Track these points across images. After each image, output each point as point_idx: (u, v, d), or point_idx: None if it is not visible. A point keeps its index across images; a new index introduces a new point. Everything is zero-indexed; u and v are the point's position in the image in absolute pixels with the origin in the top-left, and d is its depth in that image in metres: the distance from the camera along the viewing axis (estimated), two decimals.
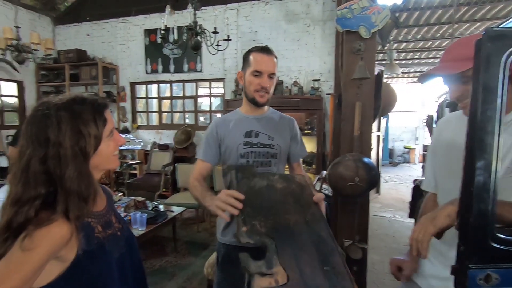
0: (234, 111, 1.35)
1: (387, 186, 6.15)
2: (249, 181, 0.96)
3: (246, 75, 1.24)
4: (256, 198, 0.92)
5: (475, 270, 0.65)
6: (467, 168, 0.64)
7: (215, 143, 1.28)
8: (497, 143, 0.61)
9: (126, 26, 5.19)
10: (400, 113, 9.02)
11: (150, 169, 4.72)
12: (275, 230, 0.82)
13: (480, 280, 0.65)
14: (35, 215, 0.64)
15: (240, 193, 0.90)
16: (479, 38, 0.64)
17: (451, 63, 0.93)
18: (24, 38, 4.06)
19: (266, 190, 0.95)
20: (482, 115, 0.61)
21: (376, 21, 1.38)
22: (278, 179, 0.99)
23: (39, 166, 0.66)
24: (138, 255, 0.89)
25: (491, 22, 4.10)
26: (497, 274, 0.65)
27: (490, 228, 0.64)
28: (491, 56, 0.60)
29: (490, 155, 0.62)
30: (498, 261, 0.65)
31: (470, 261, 0.65)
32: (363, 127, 1.40)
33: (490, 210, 0.63)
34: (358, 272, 1.46)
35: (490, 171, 0.62)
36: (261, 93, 1.22)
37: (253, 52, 1.23)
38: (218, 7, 4.56)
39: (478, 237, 0.64)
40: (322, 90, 4.23)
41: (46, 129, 0.67)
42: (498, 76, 0.60)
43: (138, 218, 2.62)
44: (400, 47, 5.58)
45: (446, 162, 1.05)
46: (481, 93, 0.61)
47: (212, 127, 1.31)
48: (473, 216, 0.63)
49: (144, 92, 5.51)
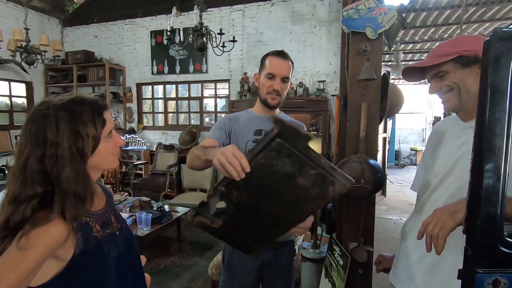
0: (246, 110, 1.38)
1: (393, 188, 6.08)
2: (275, 158, 0.75)
3: (261, 77, 1.29)
4: (261, 178, 0.77)
5: (483, 275, 0.63)
6: (475, 171, 0.63)
7: (226, 130, 1.28)
8: (506, 146, 0.60)
9: (133, 28, 5.24)
10: (407, 114, 8.94)
11: (155, 170, 4.75)
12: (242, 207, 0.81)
13: (488, 285, 0.63)
14: (32, 214, 0.64)
15: (247, 164, 0.74)
16: (467, 37, 0.64)
17: (430, 58, 0.97)
18: (33, 39, 4.13)
19: (281, 177, 0.77)
20: (490, 117, 0.60)
21: (383, 22, 1.36)
22: (311, 176, 0.77)
23: (36, 165, 0.66)
24: (138, 255, 0.88)
25: (500, 23, 4.04)
26: (505, 279, 0.63)
27: (499, 231, 0.62)
28: (500, 57, 0.59)
29: (499, 158, 0.60)
30: (507, 265, 0.63)
31: (478, 266, 0.63)
32: (369, 129, 1.38)
33: (499, 213, 0.61)
34: (363, 274, 1.45)
35: (499, 174, 0.60)
36: (273, 95, 1.26)
37: (269, 56, 1.27)
38: (224, 8, 4.58)
39: (486, 241, 0.63)
40: (328, 91, 4.21)
41: (44, 129, 0.67)
42: (507, 77, 0.59)
43: (143, 218, 2.64)
44: (407, 48, 5.53)
45: (430, 164, 1.08)
46: (490, 94, 0.60)
47: (224, 118, 1.33)
48: (481, 219, 0.62)
49: (150, 93, 5.55)
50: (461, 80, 0.91)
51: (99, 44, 5.47)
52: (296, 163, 0.76)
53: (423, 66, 0.98)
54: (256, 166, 0.76)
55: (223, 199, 0.82)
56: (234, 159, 0.74)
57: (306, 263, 2.08)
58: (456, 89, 0.92)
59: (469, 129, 0.94)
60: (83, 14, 5.54)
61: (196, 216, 0.86)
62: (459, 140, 0.96)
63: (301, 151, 0.75)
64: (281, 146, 0.74)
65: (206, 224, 0.86)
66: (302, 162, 0.76)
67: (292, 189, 0.80)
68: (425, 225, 0.77)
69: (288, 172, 0.77)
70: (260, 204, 0.83)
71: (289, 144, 0.74)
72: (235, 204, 0.82)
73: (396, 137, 8.67)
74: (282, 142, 0.73)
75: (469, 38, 0.95)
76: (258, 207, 0.83)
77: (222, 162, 0.76)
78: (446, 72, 0.93)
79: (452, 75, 0.92)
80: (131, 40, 5.27)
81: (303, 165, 0.77)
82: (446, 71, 0.93)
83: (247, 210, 0.84)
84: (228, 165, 0.74)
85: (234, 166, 0.74)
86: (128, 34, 5.29)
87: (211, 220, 0.85)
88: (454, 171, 0.94)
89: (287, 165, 0.76)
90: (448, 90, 0.94)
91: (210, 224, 0.85)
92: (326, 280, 1.67)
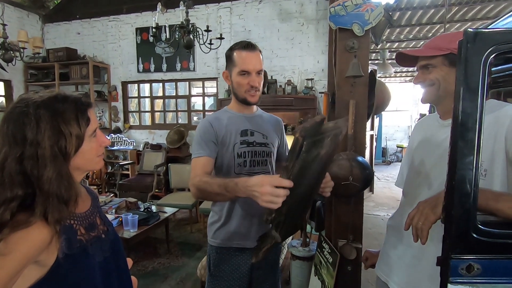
0: (223, 110, 1.30)
1: (381, 185, 6.18)
2: (306, 158, 0.77)
3: (233, 75, 1.19)
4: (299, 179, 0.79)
5: (457, 260, 0.66)
6: (451, 164, 0.66)
7: (213, 139, 1.18)
8: (478, 139, 0.63)
9: (117, 25, 5.11)
10: (393, 112, 9.10)
11: (142, 170, 4.66)
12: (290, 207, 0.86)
13: (462, 270, 0.66)
14: (11, 217, 0.60)
15: (289, 182, 0.75)
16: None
17: (425, 48, 0.99)
18: (12, 36, 3.97)
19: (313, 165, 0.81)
20: (463, 113, 0.64)
21: (370, 19, 1.36)
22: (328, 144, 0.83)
23: (15, 166, 0.62)
24: (124, 259, 0.85)
25: (482, 22, 4.15)
26: (478, 264, 0.66)
27: (472, 220, 0.65)
28: (471, 56, 0.62)
29: (470, 151, 0.64)
30: (479, 252, 0.67)
31: (452, 252, 0.66)
32: (357, 126, 1.38)
33: (472, 202, 0.64)
34: (352, 271, 1.45)
35: (472, 166, 0.64)
36: (252, 93, 1.19)
37: (236, 50, 1.17)
38: (211, 5, 4.51)
39: (460, 228, 0.66)
40: (316, 89, 4.22)
41: (23, 128, 0.63)
42: (478, 75, 0.62)
43: (130, 220, 2.58)
44: (393, 46, 5.61)
45: (412, 161, 1.11)
46: (462, 91, 0.64)
47: (205, 124, 1.21)
48: (455, 208, 0.65)
49: (136, 92, 5.43)
50: (444, 78, 0.93)
51: (82, 41, 5.31)
52: (318, 146, 0.79)
53: (416, 55, 0.99)
54: (293, 176, 0.76)
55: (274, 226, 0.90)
56: (276, 190, 0.75)
57: (295, 261, 2.08)
58: (437, 85, 0.95)
59: (448, 127, 0.96)
60: (64, 10, 5.36)
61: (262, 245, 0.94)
62: (439, 138, 0.99)
63: (321, 134, 0.79)
64: (308, 145, 0.74)
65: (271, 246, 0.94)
66: (322, 140, 0.79)
67: (321, 163, 0.86)
68: (411, 217, 0.80)
69: (315, 156, 0.79)
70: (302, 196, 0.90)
71: (315, 137, 0.76)
72: (285, 214, 0.86)
73: (383, 134, 8.82)
74: (310, 140, 0.74)
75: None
76: (301, 198, 0.91)
77: (269, 201, 0.76)
78: (434, 66, 0.94)
79: (438, 70, 0.94)
80: (116, 37, 5.14)
81: (322, 143, 0.80)
82: (434, 65, 0.94)
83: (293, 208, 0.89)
84: (275, 199, 0.75)
85: (279, 195, 0.75)
86: (112, 31, 5.15)
87: (274, 239, 0.93)
88: (436, 168, 0.97)
89: (314, 153, 0.78)
90: (429, 84, 0.96)
91: (276, 242, 0.94)
92: (315, 278, 1.67)
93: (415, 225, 0.78)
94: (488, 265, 0.66)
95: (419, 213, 0.78)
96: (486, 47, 0.61)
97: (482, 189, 0.66)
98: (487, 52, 0.61)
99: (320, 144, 0.79)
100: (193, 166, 1.15)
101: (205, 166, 1.14)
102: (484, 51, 0.61)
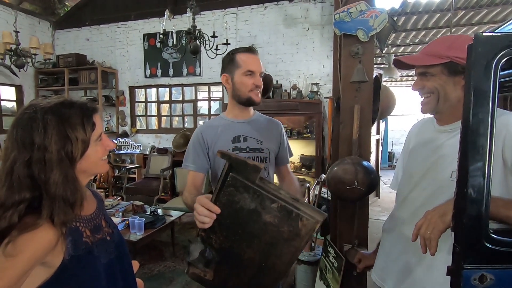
0: (218, 117, 1.32)
1: (387, 189, 6.11)
2: (235, 194, 0.75)
3: (236, 76, 1.21)
4: (230, 217, 0.77)
5: (469, 271, 0.64)
6: (461, 170, 0.65)
7: (203, 151, 1.22)
8: (489, 145, 0.62)
9: (125, 31, 5.21)
10: (399, 116, 9.03)
11: (149, 173, 4.70)
12: (224, 253, 0.80)
13: (475, 280, 0.65)
14: (19, 220, 0.62)
15: (216, 207, 0.76)
16: (465, 39, 0.65)
17: (422, 55, 0.96)
18: (24, 42, 4.08)
19: (247, 215, 0.76)
20: (474, 118, 0.62)
21: (374, 25, 1.38)
22: (274, 210, 0.75)
23: (23, 170, 0.64)
24: (129, 261, 0.87)
25: (489, 26, 4.12)
26: (492, 274, 0.65)
27: (484, 229, 0.64)
28: (481, 60, 0.61)
29: (482, 157, 0.62)
30: (492, 261, 0.65)
31: (464, 262, 0.65)
32: (362, 130, 1.39)
33: (484, 211, 0.63)
34: (357, 276, 1.45)
35: (484, 173, 0.62)
36: (256, 92, 1.22)
37: (239, 53, 1.21)
38: (217, 11, 4.58)
39: (472, 238, 0.64)
40: (321, 94, 4.23)
41: (31, 132, 0.65)
42: (489, 79, 0.61)
43: (136, 223, 2.61)
44: (399, 51, 5.60)
45: (407, 164, 1.10)
46: (473, 96, 0.62)
47: (197, 135, 1.25)
48: (467, 217, 0.63)
49: (143, 96, 5.51)
50: (443, 86, 0.91)
51: (91, 47, 5.42)
52: (255, 198, 0.74)
53: (413, 64, 0.98)
54: (221, 205, 0.76)
55: (205, 245, 0.82)
56: (204, 210, 0.78)
57: (301, 266, 2.08)
58: (436, 94, 0.93)
59: (445, 133, 0.96)
60: (74, 17, 5.48)
61: (190, 267, 0.83)
62: (435, 144, 0.98)
63: (255, 183, 0.73)
64: (235, 181, 0.72)
65: (199, 276, 0.84)
66: (260, 196, 0.73)
67: (262, 227, 0.76)
68: (418, 227, 0.77)
69: (251, 208, 0.75)
70: (239, 248, 0.80)
71: (243, 177, 0.72)
72: (216, 249, 0.81)
73: (389, 138, 8.75)
74: (235, 176, 0.72)
75: (464, 42, 0.92)
76: (238, 251, 0.80)
77: (196, 218, 0.81)
78: (432, 74, 0.93)
79: (436, 79, 0.92)
80: (124, 43, 5.24)
81: (262, 199, 0.74)
82: (432, 74, 0.93)
83: (230, 257, 0.81)
84: (200, 217, 0.79)
85: (205, 215, 0.77)
86: (120, 37, 5.25)
87: (203, 271, 0.83)
88: (430, 173, 0.96)
89: (248, 200, 0.74)
90: (428, 92, 0.95)
91: (204, 276, 0.83)
92: (321, 282, 1.67)
93: (423, 235, 0.74)
94: (501, 276, 0.64)
95: (427, 222, 0.75)
96: (497, 50, 0.60)
97: (492, 197, 0.64)
98: (498, 56, 0.60)
99: (259, 198, 0.73)
100: (188, 176, 1.23)
101: (194, 181, 1.22)
102: (495, 55, 0.60)
